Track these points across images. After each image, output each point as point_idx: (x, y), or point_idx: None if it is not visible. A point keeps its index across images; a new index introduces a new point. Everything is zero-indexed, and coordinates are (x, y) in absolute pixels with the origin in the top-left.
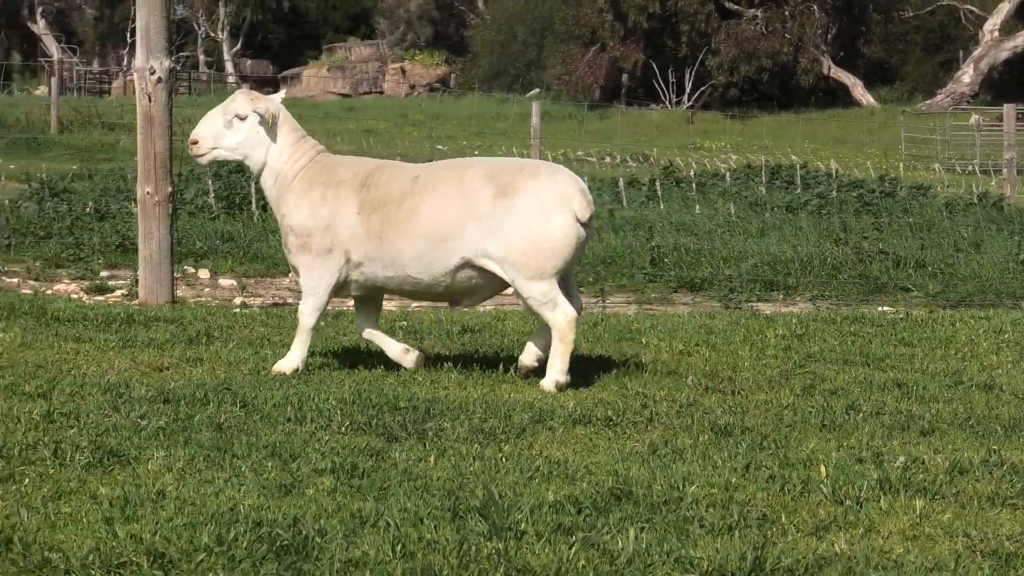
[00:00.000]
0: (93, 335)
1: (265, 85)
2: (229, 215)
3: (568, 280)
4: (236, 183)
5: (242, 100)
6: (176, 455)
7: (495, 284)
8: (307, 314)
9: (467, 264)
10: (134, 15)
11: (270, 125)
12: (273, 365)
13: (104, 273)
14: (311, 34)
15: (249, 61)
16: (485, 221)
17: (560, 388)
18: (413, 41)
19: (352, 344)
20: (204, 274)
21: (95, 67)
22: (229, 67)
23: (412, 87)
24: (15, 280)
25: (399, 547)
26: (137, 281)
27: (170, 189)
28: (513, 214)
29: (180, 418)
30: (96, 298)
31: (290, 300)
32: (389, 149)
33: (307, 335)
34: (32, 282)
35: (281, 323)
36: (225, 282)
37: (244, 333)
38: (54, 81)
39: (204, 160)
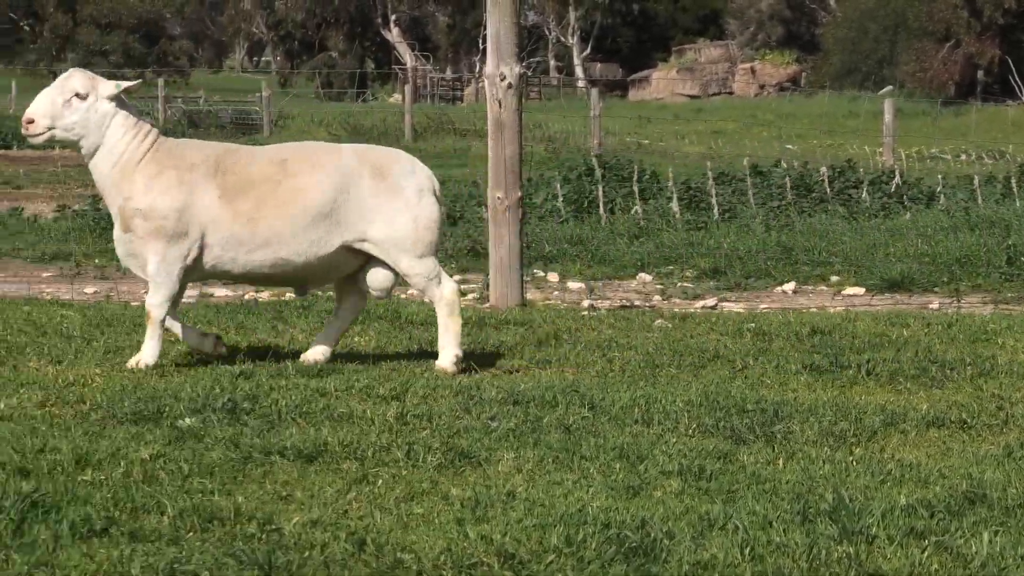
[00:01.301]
0: None
1: (615, 88)
2: (577, 219)
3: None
4: (584, 187)
5: (80, 78)
6: (525, 456)
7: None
8: (158, 306)
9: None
10: (485, 22)
11: (112, 104)
12: (128, 361)
13: (456, 277)
14: (660, 36)
15: (599, 65)
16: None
17: (459, 363)
18: (764, 41)
19: (698, 346)
20: (553, 277)
21: (448, 74)
22: (579, 71)
23: (762, 87)
24: None
25: (748, 550)
26: (488, 285)
27: (519, 194)
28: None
29: (529, 419)
30: None
31: (637, 302)
32: (737, 149)
33: (159, 327)
34: None
35: (629, 325)
36: (573, 285)
37: (592, 336)
38: (408, 88)
39: (39, 140)
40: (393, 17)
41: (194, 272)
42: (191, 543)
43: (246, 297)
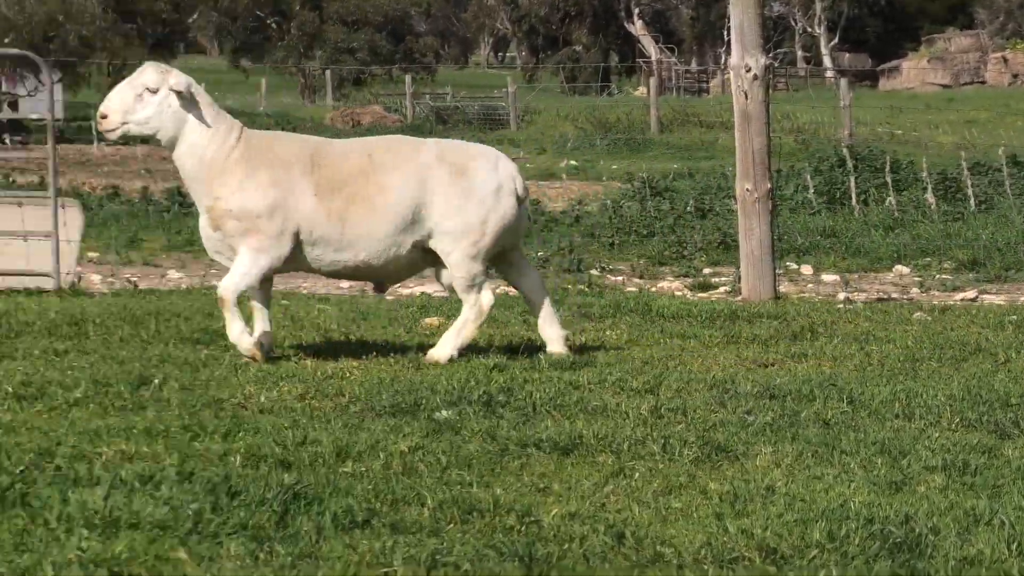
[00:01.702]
0: (698, 331)
1: (863, 78)
2: (830, 210)
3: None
4: (835, 179)
5: (152, 72)
6: (784, 451)
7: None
8: (231, 290)
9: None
10: (729, 14)
11: (187, 98)
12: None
13: (706, 270)
14: (909, 26)
15: (847, 55)
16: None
17: (451, 362)
18: (1014, 30)
19: (959, 339)
20: (807, 270)
21: (693, 66)
22: (827, 61)
23: (1015, 76)
24: (620, 278)
25: (1015, 546)
26: (739, 278)
27: (768, 186)
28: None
29: (786, 414)
30: (699, 295)
31: (894, 295)
32: (991, 139)
33: (236, 309)
34: (636, 280)
35: (886, 318)
36: (828, 277)
37: (848, 328)
38: (652, 81)
39: (114, 136)
40: (636, 10)
41: (283, 267)
42: (451, 535)
43: (498, 291)
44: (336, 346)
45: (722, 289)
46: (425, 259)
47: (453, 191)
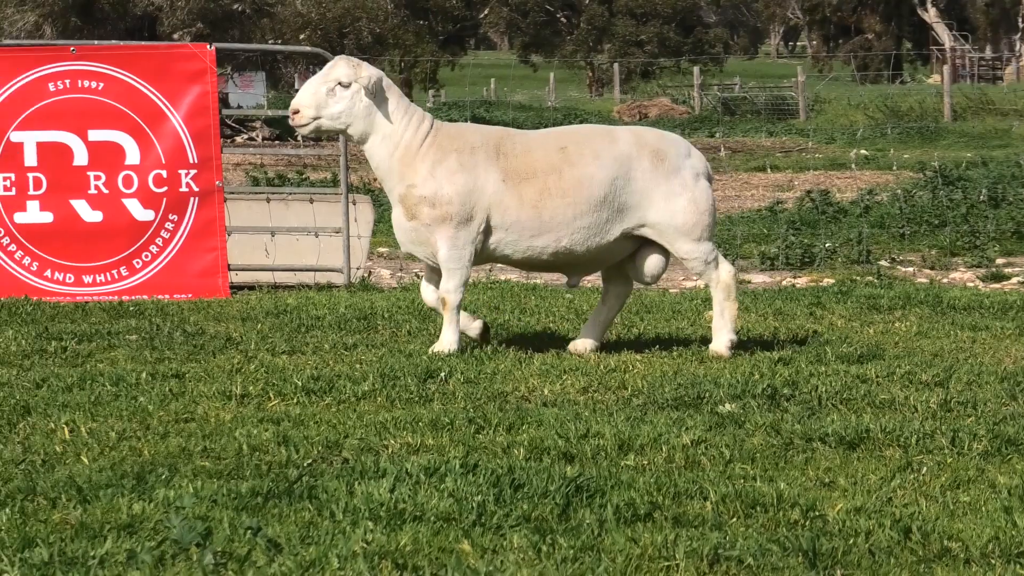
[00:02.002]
0: (989, 323)
1: None
2: None
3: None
4: None
5: (344, 66)
6: None
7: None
8: (453, 292)
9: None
10: None
11: (373, 92)
12: (431, 348)
13: (999, 261)
14: None
15: None
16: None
17: (733, 346)
18: None
19: None
20: None
21: (987, 53)
22: None
23: None
24: (910, 269)
25: None
26: None
27: None
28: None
29: None
30: (992, 286)
31: None
32: None
33: (456, 313)
34: (927, 271)
35: None
36: None
37: None
38: (946, 69)
39: (306, 130)
40: None
41: (476, 256)
42: (734, 529)
43: (783, 283)
44: (619, 339)
45: (1015, 280)
46: (624, 249)
47: (657, 177)
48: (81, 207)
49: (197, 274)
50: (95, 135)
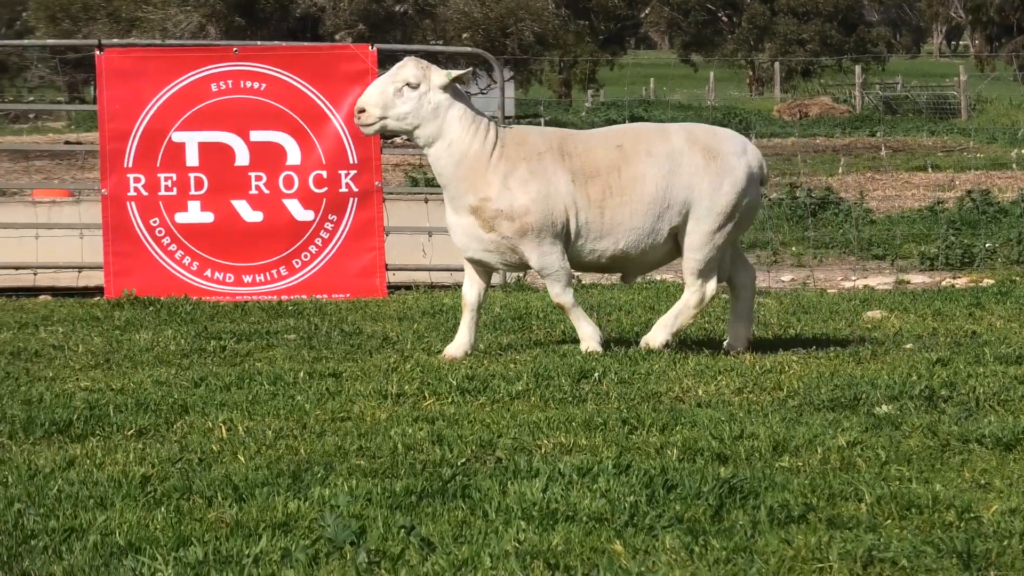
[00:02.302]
0: None
1: None
2: None
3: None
4: None
5: (413, 67)
6: None
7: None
8: (562, 294)
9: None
10: None
11: (447, 95)
12: (580, 348)
13: None
14: None
15: None
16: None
17: (666, 347)
18: None
19: None
20: None
21: None
22: None
23: None
24: None
25: None
26: None
27: None
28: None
29: None
30: None
31: None
32: None
33: (578, 309)
34: None
35: None
36: None
37: None
38: None
39: (371, 130)
40: None
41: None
42: (889, 530)
43: (943, 284)
44: (775, 340)
45: None
46: (678, 247)
47: (708, 174)
48: (242, 207)
49: (355, 274)
50: (256, 136)
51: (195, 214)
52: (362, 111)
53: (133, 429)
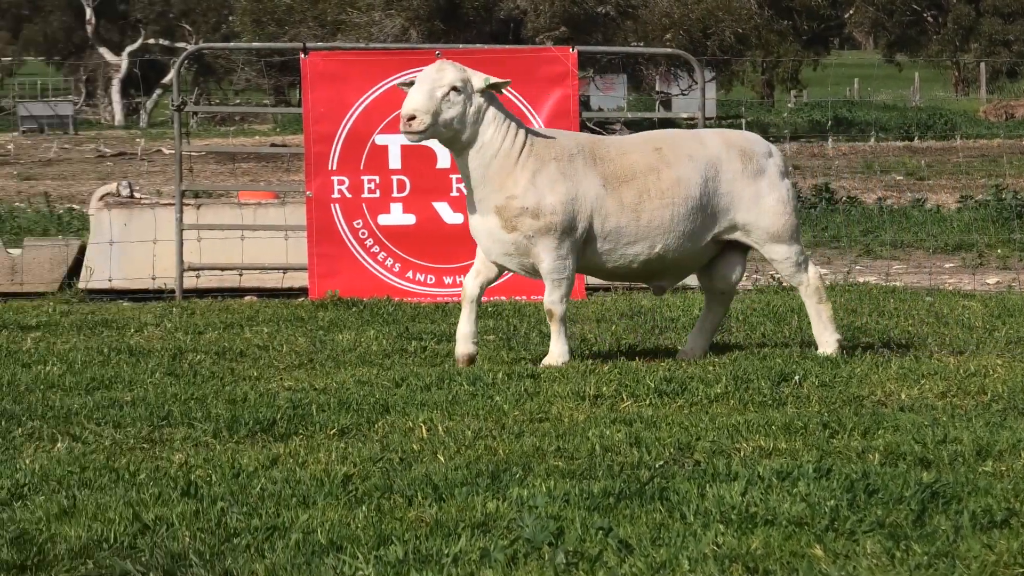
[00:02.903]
0: None
1: None
2: None
3: None
4: None
5: (454, 71)
6: None
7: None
8: (558, 303)
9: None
10: None
11: (486, 98)
12: (542, 362)
13: None
14: None
15: None
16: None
17: (841, 344)
18: None
19: None
20: None
21: None
22: None
23: None
24: None
25: None
26: None
27: None
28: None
29: None
30: None
31: None
32: None
33: (564, 325)
34: None
35: None
36: None
37: None
38: None
39: (420, 138)
40: None
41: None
42: None
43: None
44: (980, 343)
45: None
46: (708, 255)
47: (747, 178)
48: (443, 209)
49: (504, 276)
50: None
51: (397, 216)
52: (412, 118)
53: (335, 428)
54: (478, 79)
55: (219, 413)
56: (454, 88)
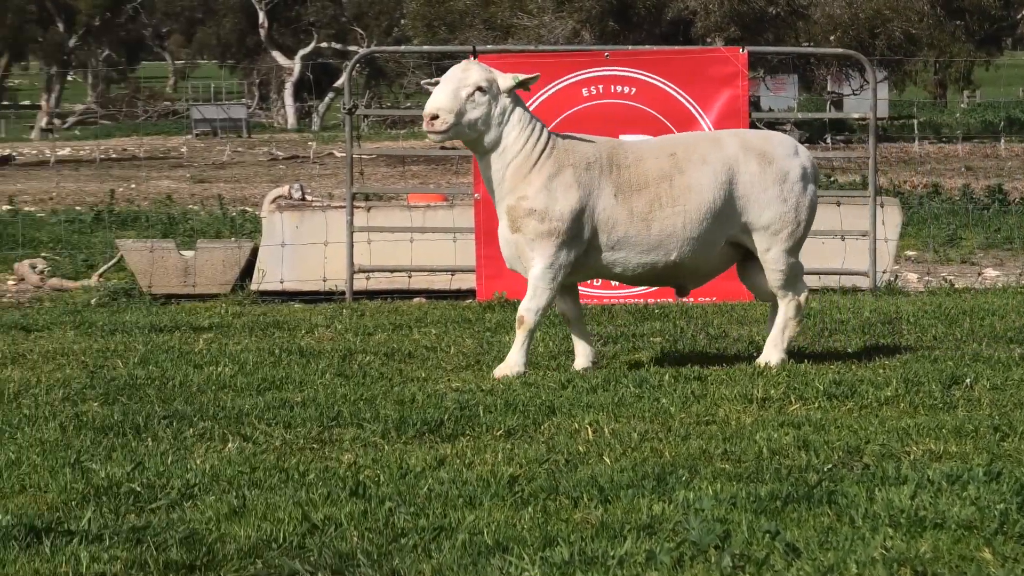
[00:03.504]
0: None
1: None
2: None
3: None
4: None
5: (480, 71)
6: None
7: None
8: (534, 312)
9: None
10: None
11: (512, 99)
12: (494, 371)
13: None
14: None
15: None
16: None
17: (783, 364)
18: None
19: None
20: None
21: None
22: None
23: None
24: None
25: None
26: None
27: None
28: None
29: None
30: None
31: None
32: None
33: (530, 336)
34: None
35: None
36: None
37: None
38: None
39: (442, 138)
40: None
41: (579, 272)
42: None
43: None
44: None
45: None
46: (732, 257)
47: (764, 181)
48: None
49: (721, 277)
50: (626, 139)
51: None
52: (435, 117)
53: (502, 429)
54: (505, 80)
55: (387, 414)
56: (479, 88)
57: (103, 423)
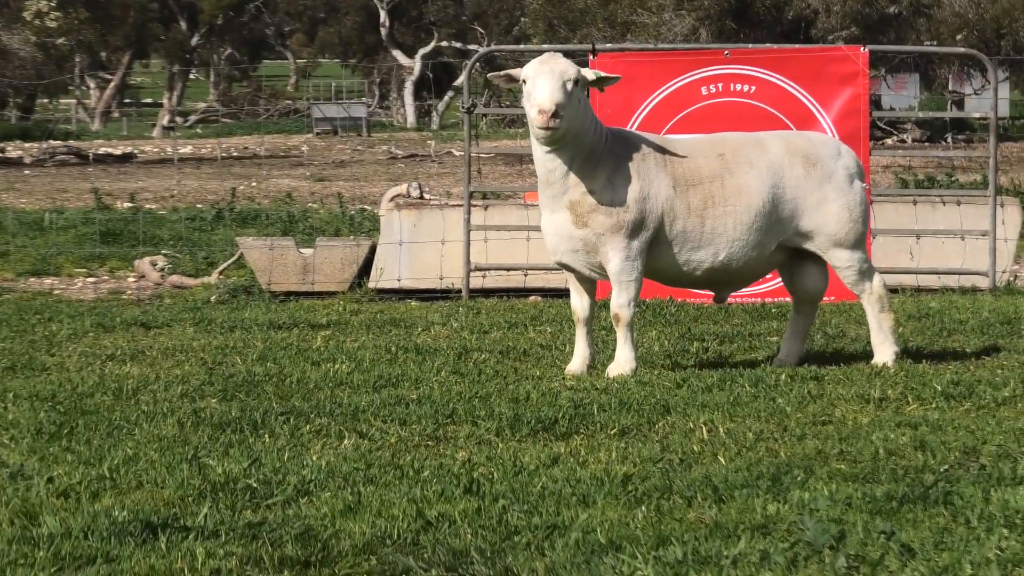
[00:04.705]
0: None
1: None
2: None
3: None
4: None
5: (569, 64)
6: None
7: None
8: (627, 306)
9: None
10: None
11: (602, 89)
12: (607, 371)
13: None
14: None
15: None
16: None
17: (899, 357)
18: None
19: None
20: None
21: None
22: None
23: None
24: None
25: None
26: None
27: None
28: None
29: None
30: None
31: None
32: None
33: (631, 330)
34: None
35: None
36: None
37: None
38: None
39: (559, 134)
40: None
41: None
42: None
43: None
44: None
45: None
46: (774, 263)
47: (810, 183)
48: None
49: (837, 277)
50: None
51: None
52: (556, 115)
53: (616, 428)
54: (589, 73)
55: (502, 411)
56: (575, 80)
57: (221, 419)
